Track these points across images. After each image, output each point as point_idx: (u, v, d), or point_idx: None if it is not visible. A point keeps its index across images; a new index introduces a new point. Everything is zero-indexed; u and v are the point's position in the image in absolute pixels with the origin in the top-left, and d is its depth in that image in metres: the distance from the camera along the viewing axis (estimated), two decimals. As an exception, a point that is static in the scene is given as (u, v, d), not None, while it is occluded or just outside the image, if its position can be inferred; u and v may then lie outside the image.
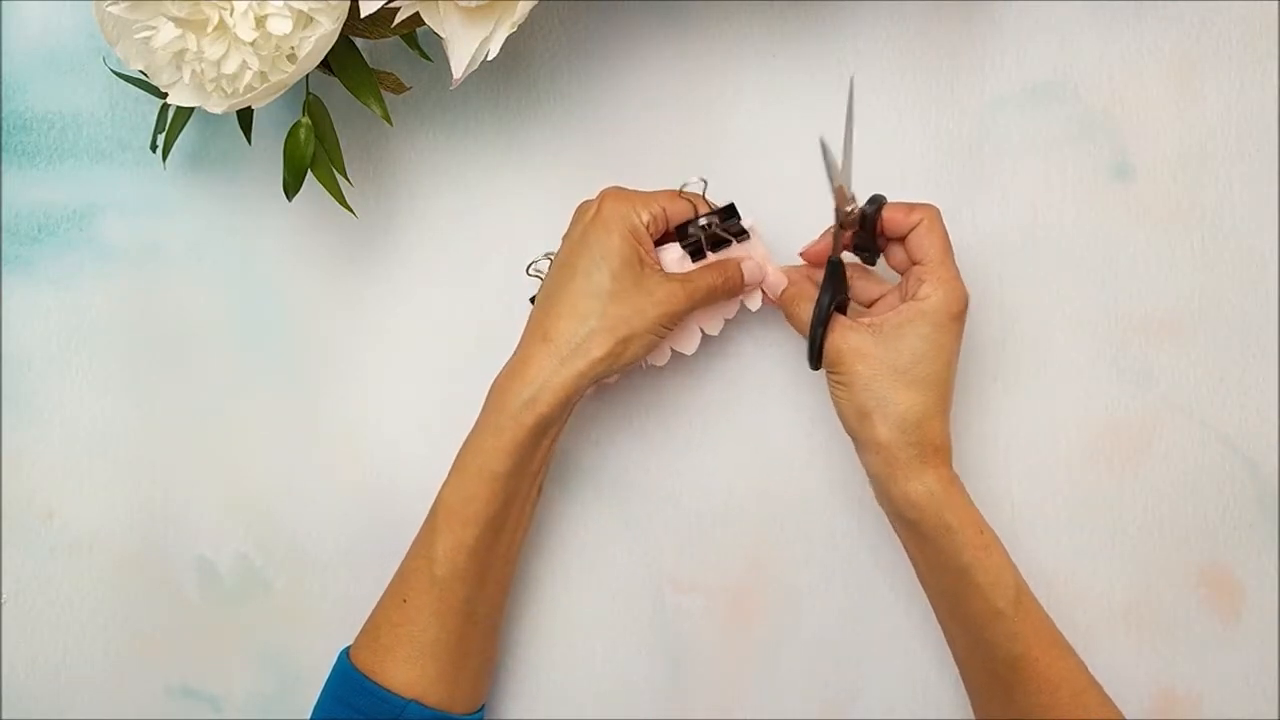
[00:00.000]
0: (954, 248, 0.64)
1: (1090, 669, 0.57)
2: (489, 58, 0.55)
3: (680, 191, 0.60)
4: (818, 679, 0.65)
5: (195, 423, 0.68)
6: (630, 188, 0.60)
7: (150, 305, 0.68)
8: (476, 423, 0.58)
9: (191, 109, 0.59)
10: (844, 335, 0.57)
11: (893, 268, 0.60)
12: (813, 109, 0.65)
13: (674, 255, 0.60)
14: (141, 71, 0.58)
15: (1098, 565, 0.63)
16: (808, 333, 0.58)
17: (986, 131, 0.64)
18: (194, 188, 0.68)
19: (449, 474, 0.58)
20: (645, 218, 0.58)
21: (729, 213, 0.61)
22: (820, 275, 0.59)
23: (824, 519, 0.65)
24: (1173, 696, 0.63)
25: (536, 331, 0.58)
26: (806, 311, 0.59)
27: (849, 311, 0.60)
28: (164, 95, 0.57)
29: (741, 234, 0.61)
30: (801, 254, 0.62)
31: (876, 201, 0.58)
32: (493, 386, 0.58)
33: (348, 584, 0.65)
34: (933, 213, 0.58)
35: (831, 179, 0.56)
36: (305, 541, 0.67)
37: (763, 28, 0.65)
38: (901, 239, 0.58)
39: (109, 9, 0.55)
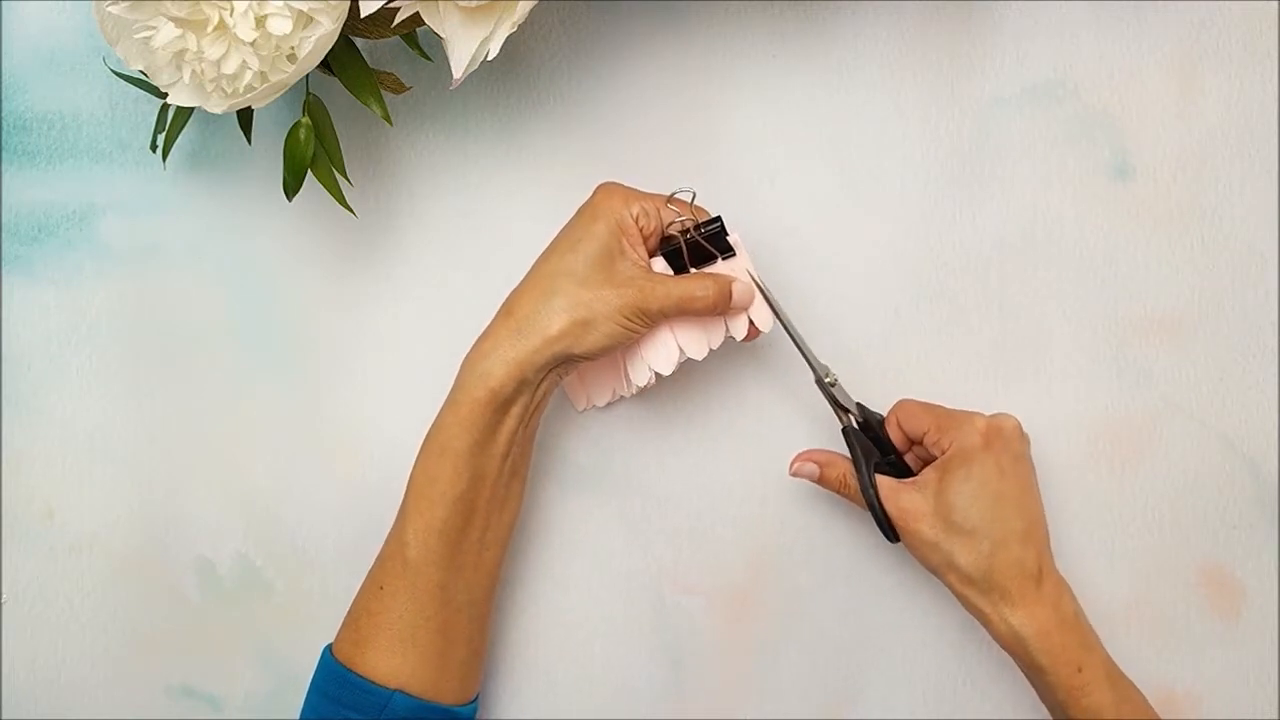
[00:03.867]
0: (953, 247, 0.64)
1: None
2: (489, 58, 0.55)
3: (668, 200, 0.60)
4: (818, 679, 0.65)
5: (195, 423, 0.68)
6: (628, 184, 0.60)
7: (150, 305, 0.68)
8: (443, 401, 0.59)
9: (191, 109, 0.59)
10: (896, 499, 0.58)
11: (927, 456, 0.61)
12: (812, 109, 0.65)
13: (658, 266, 0.60)
14: (141, 71, 0.58)
15: (1098, 565, 0.63)
16: (869, 509, 0.60)
17: (986, 131, 0.64)
18: (194, 188, 0.68)
19: (417, 455, 0.58)
20: (635, 210, 0.58)
21: (715, 225, 0.60)
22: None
23: (824, 519, 0.65)
24: (1173, 696, 0.63)
25: (502, 308, 0.59)
26: (856, 488, 0.60)
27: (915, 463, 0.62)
28: (164, 95, 0.57)
29: (727, 250, 0.60)
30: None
31: (876, 419, 0.61)
32: (462, 362, 0.59)
33: (348, 584, 0.65)
34: (901, 403, 0.61)
35: (814, 369, 0.61)
36: (305, 541, 0.67)
37: (763, 28, 0.65)
38: (909, 444, 0.61)
39: (109, 9, 0.55)
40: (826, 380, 0.61)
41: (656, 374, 0.60)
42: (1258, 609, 0.63)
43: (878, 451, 0.61)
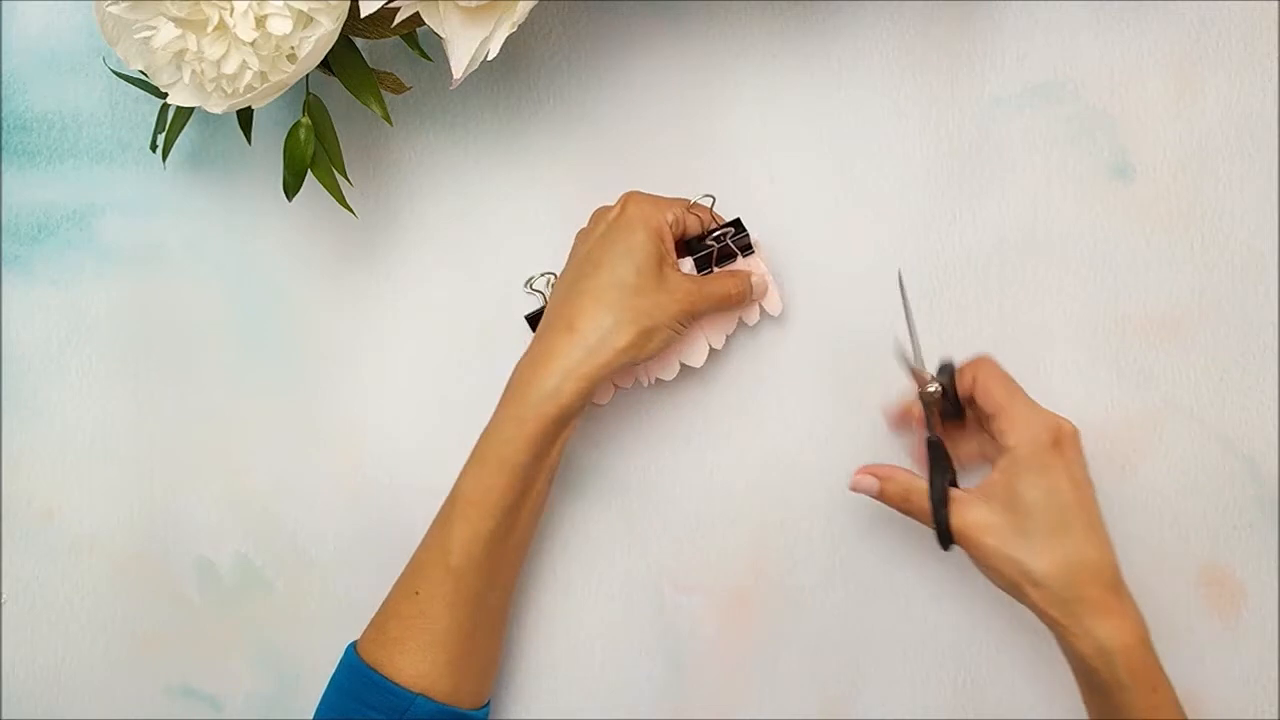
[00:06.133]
0: (953, 247, 0.65)
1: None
2: (489, 58, 0.55)
3: (690, 206, 0.61)
4: (818, 679, 0.65)
5: (195, 423, 0.68)
6: (647, 191, 0.61)
7: (150, 305, 0.68)
8: (496, 413, 0.58)
9: (191, 109, 0.59)
10: (962, 512, 0.56)
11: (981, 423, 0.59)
12: (812, 109, 0.65)
13: (685, 267, 0.62)
14: (141, 71, 0.58)
15: (1098, 565, 0.63)
16: (930, 520, 0.57)
17: (986, 131, 0.64)
18: (194, 188, 0.68)
19: (467, 464, 0.58)
20: (670, 218, 0.60)
21: (738, 227, 0.62)
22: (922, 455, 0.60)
23: (824, 519, 0.65)
24: (1173, 696, 0.63)
25: (559, 323, 0.58)
26: (918, 501, 0.58)
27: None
28: (164, 95, 0.57)
29: (747, 249, 0.63)
30: (885, 415, 0.62)
31: (947, 370, 0.59)
32: (514, 377, 0.59)
33: (348, 584, 0.65)
34: (985, 363, 0.58)
35: (908, 363, 0.59)
36: (305, 541, 0.67)
37: (763, 28, 0.65)
38: (971, 399, 0.58)
39: (109, 9, 0.56)
40: (929, 389, 0.59)
41: (685, 366, 0.63)
42: (1258, 609, 0.63)
43: (952, 469, 0.58)
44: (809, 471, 0.65)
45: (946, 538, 0.56)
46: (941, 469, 0.58)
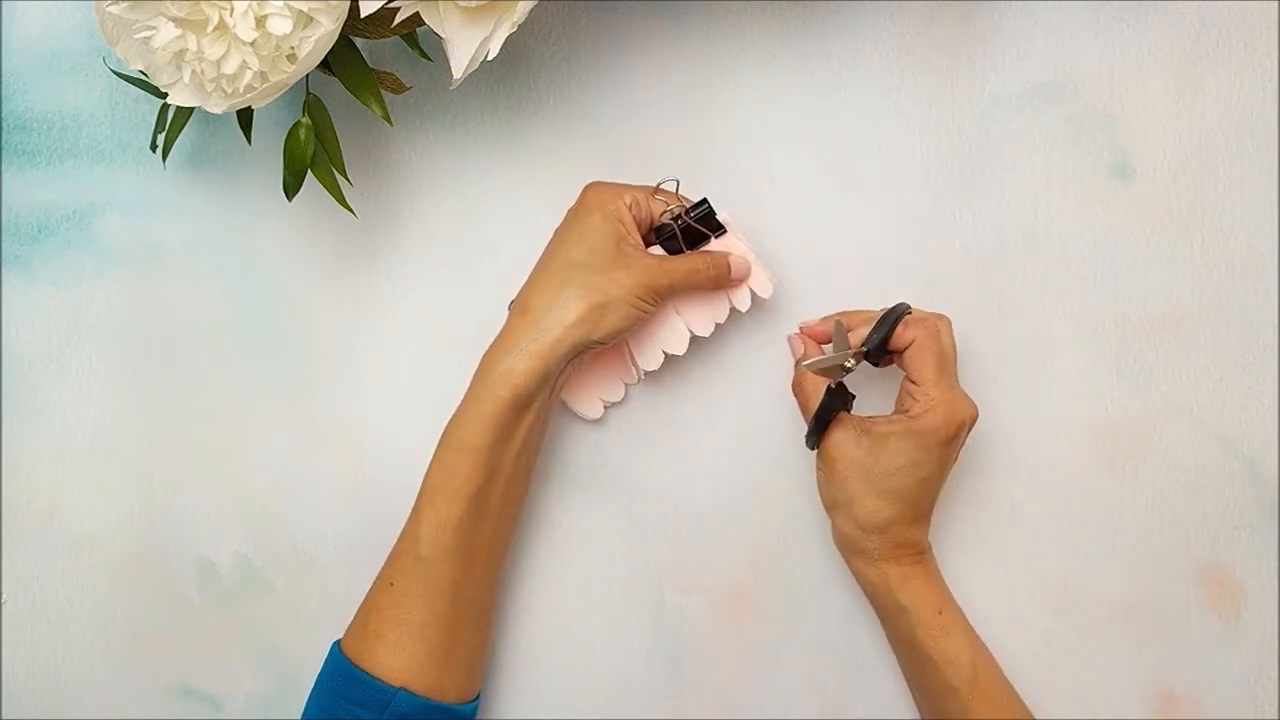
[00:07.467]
0: (953, 247, 0.64)
1: (1090, 669, 0.57)
2: (489, 58, 0.55)
3: (654, 190, 0.61)
4: (818, 679, 0.65)
5: (195, 423, 0.68)
6: (619, 182, 0.61)
7: (150, 305, 0.68)
8: (461, 400, 0.59)
9: (191, 109, 0.59)
10: (834, 430, 0.59)
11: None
12: (812, 109, 0.65)
13: (655, 254, 0.61)
14: (141, 71, 0.58)
15: (1098, 565, 0.63)
16: (810, 418, 0.60)
17: (986, 131, 0.64)
18: (194, 188, 0.68)
19: (434, 453, 0.59)
20: (627, 199, 0.60)
21: (704, 207, 0.62)
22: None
23: (824, 519, 0.65)
24: (1173, 696, 0.63)
25: (515, 308, 0.59)
26: (814, 395, 0.60)
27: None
28: (164, 95, 0.57)
29: (718, 229, 0.62)
30: (801, 328, 0.62)
31: (895, 314, 0.59)
32: (478, 366, 0.59)
33: (348, 584, 0.65)
34: (927, 331, 0.58)
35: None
36: (305, 541, 0.67)
37: (763, 28, 0.65)
38: (903, 351, 0.59)
39: (109, 9, 0.56)
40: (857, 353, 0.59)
41: (668, 355, 0.62)
42: (1258, 609, 0.63)
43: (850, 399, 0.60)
44: (809, 471, 0.65)
45: (813, 443, 0.60)
46: (843, 394, 0.59)
